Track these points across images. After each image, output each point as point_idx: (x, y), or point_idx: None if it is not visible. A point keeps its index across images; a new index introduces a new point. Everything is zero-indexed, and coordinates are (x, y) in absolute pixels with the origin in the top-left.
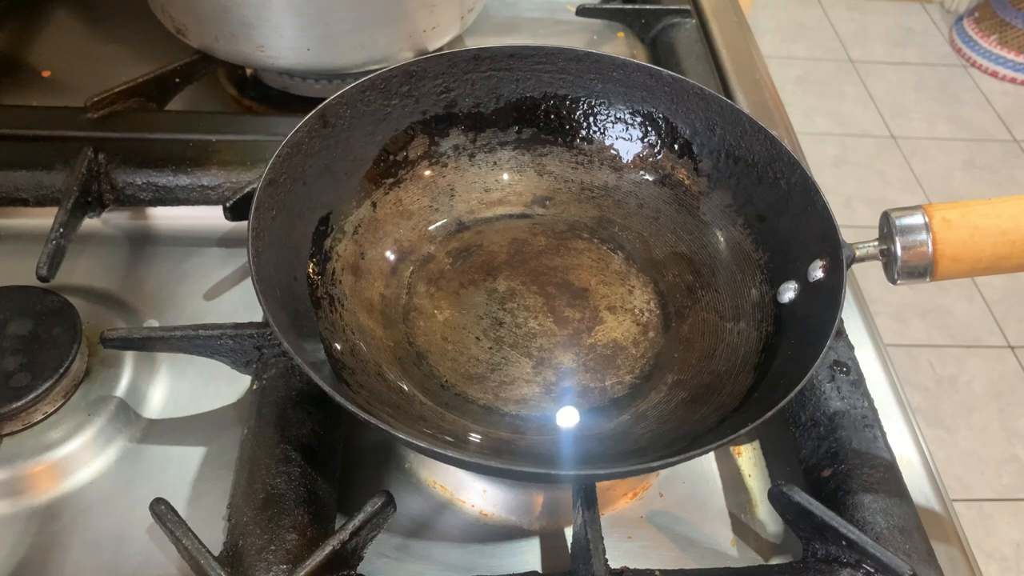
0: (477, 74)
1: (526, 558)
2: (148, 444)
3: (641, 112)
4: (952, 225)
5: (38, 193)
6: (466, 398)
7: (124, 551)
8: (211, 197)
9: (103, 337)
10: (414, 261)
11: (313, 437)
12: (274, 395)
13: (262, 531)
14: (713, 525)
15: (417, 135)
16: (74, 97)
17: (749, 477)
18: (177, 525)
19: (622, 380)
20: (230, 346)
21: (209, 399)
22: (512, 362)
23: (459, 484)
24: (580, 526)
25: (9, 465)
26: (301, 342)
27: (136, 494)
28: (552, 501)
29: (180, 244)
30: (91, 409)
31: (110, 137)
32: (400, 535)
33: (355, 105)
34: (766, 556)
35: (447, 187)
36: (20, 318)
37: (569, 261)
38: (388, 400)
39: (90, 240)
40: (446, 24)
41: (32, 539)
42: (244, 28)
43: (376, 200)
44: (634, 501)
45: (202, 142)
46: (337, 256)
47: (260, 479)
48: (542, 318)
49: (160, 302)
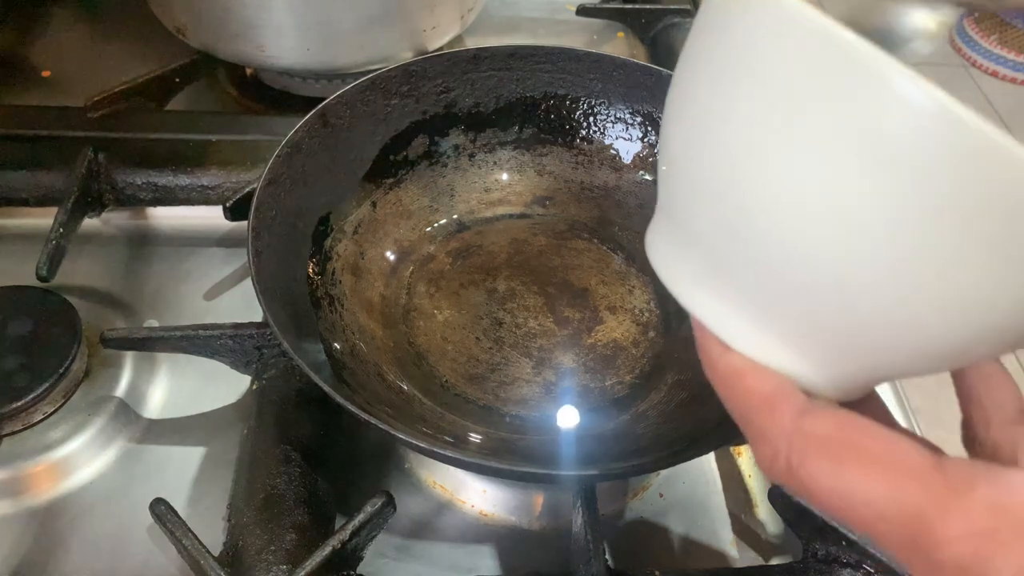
0: (477, 74)
1: (526, 558)
2: (148, 444)
3: (641, 112)
4: None
5: (38, 193)
6: (466, 398)
7: (124, 551)
8: (211, 197)
9: (103, 337)
10: (414, 261)
11: (313, 437)
12: (274, 395)
13: (262, 531)
14: (713, 525)
15: (417, 135)
16: (74, 97)
17: (749, 477)
18: (177, 525)
19: (622, 380)
20: (230, 346)
21: (209, 399)
22: (512, 362)
23: (459, 484)
24: (580, 526)
25: (9, 465)
26: (301, 342)
27: (136, 494)
28: (552, 501)
29: (180, 244)
30: (91, 409)
31: (110, 137)
32: (400, 535)
33: (355, 105)
34: (766, 556)
35: (447, 187)
36: (20, 318)
37: (569, 261)
38: (388, 400)
39: (90, 240)
40: (446, 24)
41: (32, 539)
42: (244, 28)
43: (376, 200)
44: (634, 501)
45: (202, 142)
46: (337, 256)
47: (260, 479)
48: (542, 318)
49: (160, 302)
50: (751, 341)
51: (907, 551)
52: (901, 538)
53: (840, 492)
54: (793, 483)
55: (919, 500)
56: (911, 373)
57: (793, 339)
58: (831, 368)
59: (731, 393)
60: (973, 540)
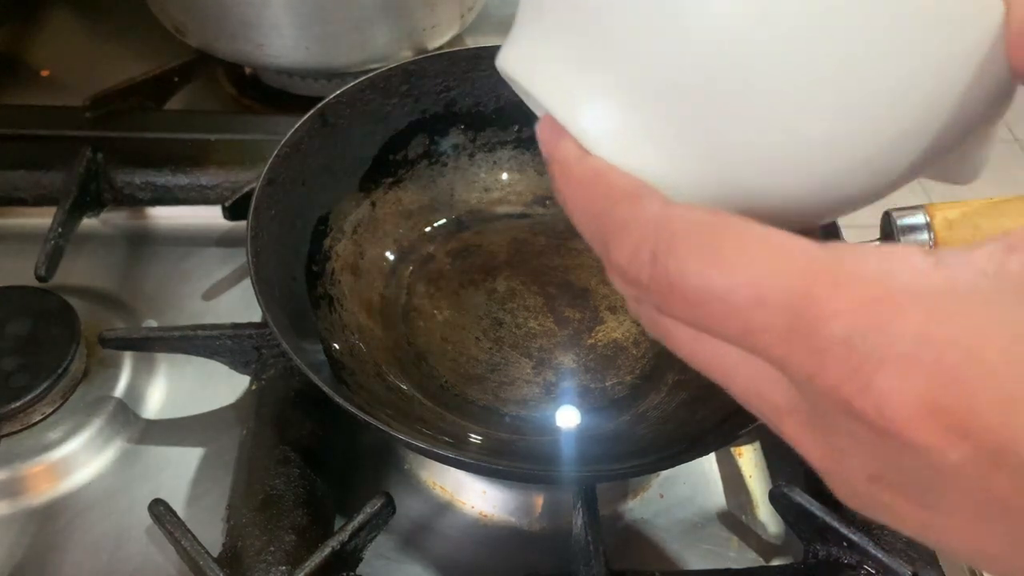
0: (477, 73)
1: (526, 559)
2: (147, 445)
3: None
4: (954, 225)
5: (37, 192)
6: (466, 399)
7: (123, 552)
8: (210, 197)
9: (102, 337)
10: (414, 261)
11: (312, 438)
12: (273, 396)
13: (261, 532)
14: (713, 526)
15: (417, 134)
16: (73, 96)
17: (750, 478)
18: (176, 526)
19: (623, 380)
20: (229, 346)
21: (208, 399)
22: (512, 362)
23: (459, 485)
24: (580, 527)
25: (7, 465)
26: (300, 342)
27: (135, 495)
28: (552, 502)
29: (179, 244)
30: (90, 409)
31: (109, 136)
32: (400, 536)
33: (355, 104)
34: (767, 557)
35: (447, 187)
36: (18, 318)
37: (569, 261)
38: (387, 401)
39: (89, 240)
40: (446, 23)
41: (30, 540)
42: (243, 27)
43: (376, 200)
44: (634, 501)
45: (201, 141)
46: (336, 256)
47: (259, 480)
48: (542, 318)
49: (159, 302)
50: (619, 144)
51: (786, 341)
52: (780, 324)
53: (712, 278)
54: (656, 279)
55: (803, 275)
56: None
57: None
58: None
59: (588, 192)
60: (864, 309)
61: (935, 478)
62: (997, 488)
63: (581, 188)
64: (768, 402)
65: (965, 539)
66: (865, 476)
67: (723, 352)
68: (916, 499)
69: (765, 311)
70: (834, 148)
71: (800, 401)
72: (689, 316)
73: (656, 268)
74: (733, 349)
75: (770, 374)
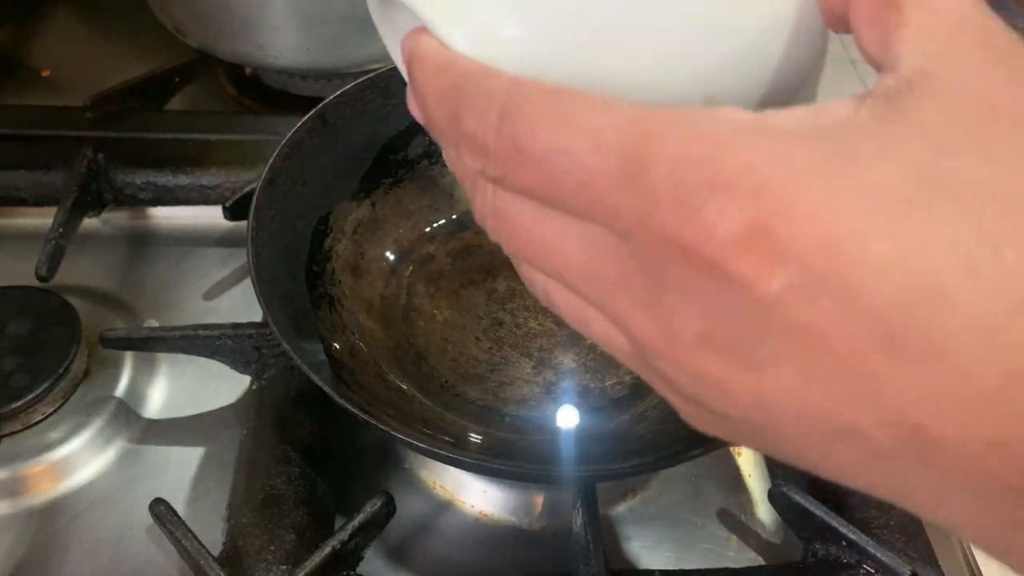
0: None
1: (526, 558)
2: (147, 444)
3: None
4: None
5: (37, 193)
6: (466, 398)
7: (123, 552)
8: (210, 197)
9: (102, 337)
10: (414, 261)
11: (312, 437)
12: (273, 395)
13: (261, 532)
14: (713, 525)
15: (417, 134)
16: (74, 96)
17: (749, 477)
18: (176, 525)
19: (622, 380)
20: (229, 346)
21: (208, 399)
22: (512, 362)
23: (459, 485)
24: (580, 526)
25: (8, 465)
26: (300, 342)
27: (135, 494)
28: (552, 501)
29: (179, 244)
30: (90, 409)
31: (110, 137)
32: (400, 536)
33: (355, 104)
34: (766, 556)
35: (447, 187)
36: (19, 318)
37: None
38: (388, 400)
39: (89, 240)
40: None
41: (31, 539)
42: (244, 27)
43: (376, 200)
44: (634, 501)
45: (201, 142)
46: (336, 256)
47: (259, 479)
48: (542, 318)
49: (159, 302)
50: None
51: (619, 185)
52: (614, 169)
53: (556, 132)
54: (503, 138)
55: (638, 122)
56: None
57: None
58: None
59: (444, 75)
60: (694, 143)
61: (760, 323)
62: (817, 321)
63: (437, 73)
64: (602, 279)
65: (794, 401)
66: (694, 339)
67: (560, 229)
68: (744, 359)
69: (601, 157)
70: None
71: (632, 265)
72: (530, 178)
73: (503, 128)
74: (571, 225)
75: (605, 242)
